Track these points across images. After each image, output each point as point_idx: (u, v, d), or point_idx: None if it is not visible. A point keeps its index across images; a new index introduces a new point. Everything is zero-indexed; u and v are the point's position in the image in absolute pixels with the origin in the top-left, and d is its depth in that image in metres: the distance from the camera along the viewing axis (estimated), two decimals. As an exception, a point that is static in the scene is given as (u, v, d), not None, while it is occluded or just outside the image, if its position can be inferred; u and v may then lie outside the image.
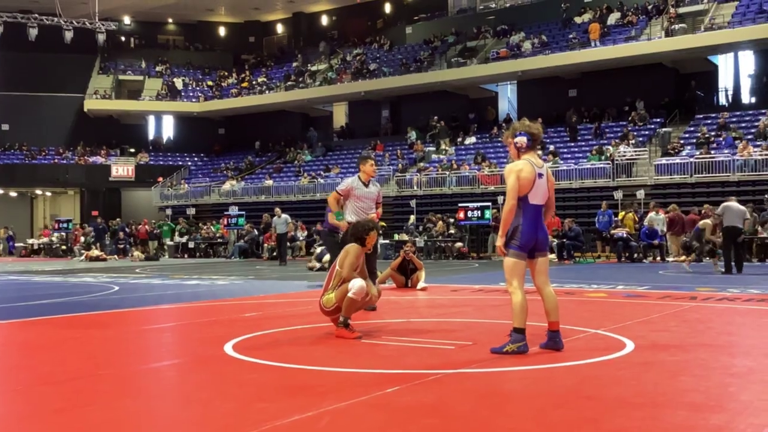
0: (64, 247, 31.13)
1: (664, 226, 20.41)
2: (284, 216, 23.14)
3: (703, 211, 19.79)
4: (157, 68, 43.18)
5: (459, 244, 23.07)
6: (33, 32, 33.28)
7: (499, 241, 5.52)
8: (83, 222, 35.19)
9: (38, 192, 40.82)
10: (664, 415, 3.74)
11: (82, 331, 7.31)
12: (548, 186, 5.59)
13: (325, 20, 44.85)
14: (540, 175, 5.49)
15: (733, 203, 14.62)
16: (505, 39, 33.96)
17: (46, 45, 36.25)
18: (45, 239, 33.26)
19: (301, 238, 26.40)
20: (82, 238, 29.95)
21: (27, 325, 7.79)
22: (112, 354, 5.98)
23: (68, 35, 33.81)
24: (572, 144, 28.95)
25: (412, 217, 25.65)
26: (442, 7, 39.84)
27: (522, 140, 5.55)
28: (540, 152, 5.57)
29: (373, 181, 8.77)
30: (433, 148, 32.34)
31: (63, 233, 31.45)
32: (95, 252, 26.26)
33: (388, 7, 42.57)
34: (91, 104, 39.59)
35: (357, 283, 6.44)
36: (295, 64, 41.41)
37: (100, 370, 5.16)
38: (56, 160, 38.69)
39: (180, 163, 40.76)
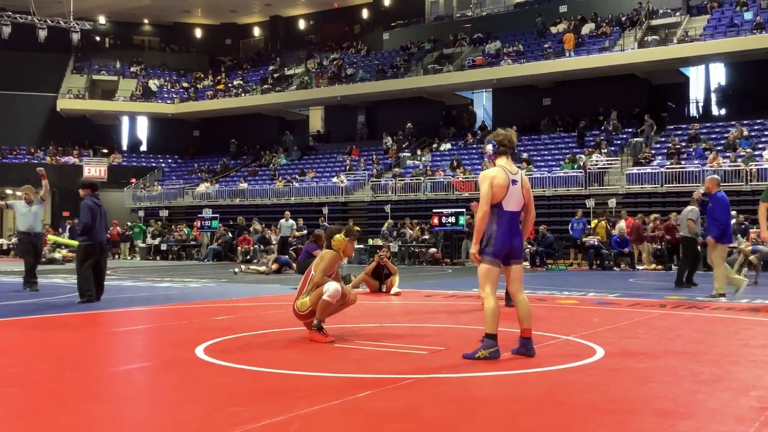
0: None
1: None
2: (291, 221, 24.19)
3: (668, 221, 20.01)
4: (132, 69, 42.79)
5: (433, 250, 23.13)
6: (6, 30, 32.81)
7: (474, 248, 5.55)
8: (54, 223, 34.70)
9: (8, 192, 40.16)
10: (633, 422, 3.78)
11: (50, 333, 7.22)
12: (524, 192, 5.64)
13: (302, 24, 44.80)
14: (514, 182, 5.54)
15: (684, 209, 12.96)
16: (481, 47, 34.19)
17: (19, 43, 35.76)
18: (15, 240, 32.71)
19: (273, 242, 26.31)
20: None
21: (-6, 327, 7.67)
22: (81, 356, 5.91)
23: (42, 34, 33.37)
24: (546, 152, 29.17)
25: (390, 222, 25.65)
26: (419, 14, 39.99)
27: (488, 148, 5.73)
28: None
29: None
30: (409, 154, 32.42)
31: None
32: (63, 253, 25.91)
33: (365, 13, 42.64)
34: (64, 104, 39.10)
35: (332, 286, 6.45)
36: (271, 68, 41.30)
37: (69, 372, 5.10)
38: (27, 160, 38.13)
39: (153, 164, 40.40)
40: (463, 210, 22.96)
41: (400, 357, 5.66)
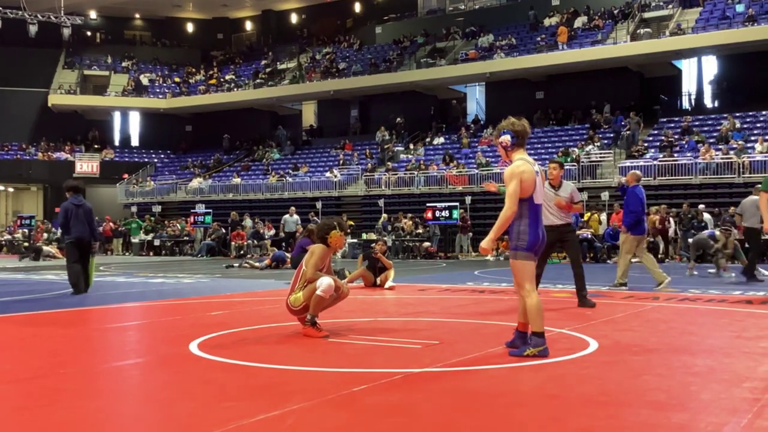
0: (26, 244, 30.59)
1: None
2: (296, 216, 24.88)
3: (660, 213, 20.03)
4: (124, 64, 42.61)
5: (427, 244, 23.14)
6: (-4, 25, 32.69)
7: (486, 243, 5.36)
8: (45, 218, 34.59)
9: (0, 188, 40.05)
10: (627, 414, 3.79)
11: (44, 329, 7.20)
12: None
13: (294, 18, 44.68)
14: (537, 173, 5.42)
15: (746, 200, 12.76)
16: (473, 40, 34.16)
17: (10, 39, 35.61)
18: (8, 236, 32.62)
19: (267, 237, 26.29)
20: (45, 235, 29.45)
21: (-13, 323, 7.64)
22: (74, 352, 5.89)
23: (33, 29, 33.23)
24: (539, 146, 29.19)
25: (384, 216, 25.66)
26: (411, 8, 39.92)
27: (506, 138, 5.44)
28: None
29: (565, 184, 9.17)
30: (402, 148, 32.41)
31: (26, 230, 30.88)
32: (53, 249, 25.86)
33: (357, 7, 42.54)
34: (56, 99, 38.91)
35: (325, 281, 6.44)
36: (264, 62, 41.19)
37: (62, 368, 5.08)
38: (19, 156, 38.00)
39: (146, 159, 40.26)
40: (457, 204, 22.98)
41: (394, 351, 5.66)
